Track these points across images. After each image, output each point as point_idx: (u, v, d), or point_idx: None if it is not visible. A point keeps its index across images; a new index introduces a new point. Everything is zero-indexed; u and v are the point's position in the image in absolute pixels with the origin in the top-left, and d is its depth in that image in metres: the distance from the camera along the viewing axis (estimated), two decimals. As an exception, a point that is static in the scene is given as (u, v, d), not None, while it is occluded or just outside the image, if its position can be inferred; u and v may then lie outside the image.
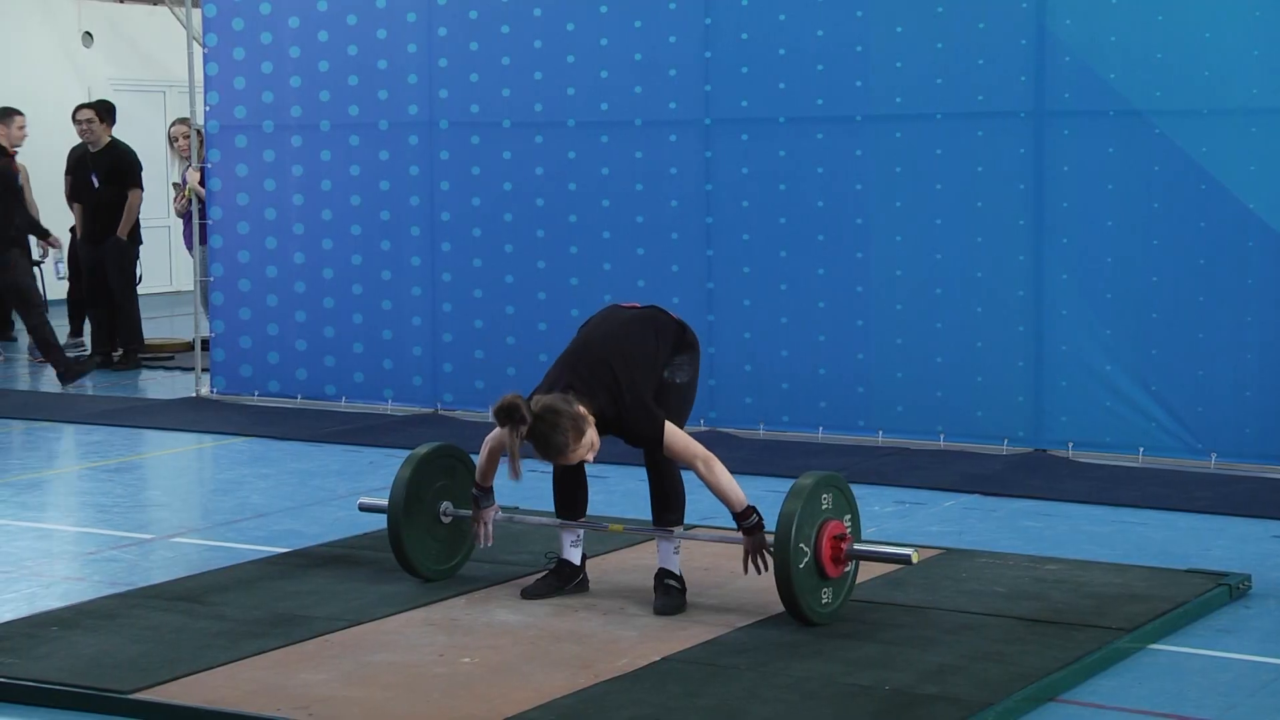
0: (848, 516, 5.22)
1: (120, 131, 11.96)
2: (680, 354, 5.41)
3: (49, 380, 11.20)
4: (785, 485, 7.35)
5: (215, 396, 9.98)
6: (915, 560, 5.21)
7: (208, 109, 9.83)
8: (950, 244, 8.14)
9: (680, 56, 8.64)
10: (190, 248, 11.13)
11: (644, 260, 8.82)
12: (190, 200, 10.80)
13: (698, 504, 6.96)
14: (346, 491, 7.47)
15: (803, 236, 8.44)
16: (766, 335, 8.59)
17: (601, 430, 5.15)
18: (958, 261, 8.14)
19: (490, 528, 5.56)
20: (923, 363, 8.24)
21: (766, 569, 5.12)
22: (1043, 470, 7.71)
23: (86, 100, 13.48)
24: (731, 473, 7.80)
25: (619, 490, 7.11)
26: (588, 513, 5.60)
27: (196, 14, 10.27)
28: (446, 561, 5.75)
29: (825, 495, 5.13)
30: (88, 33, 16.58)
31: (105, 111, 11.74)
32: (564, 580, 5.50)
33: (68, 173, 11.72)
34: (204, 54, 9.85)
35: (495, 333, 9.21)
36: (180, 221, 12.09)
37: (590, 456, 5.13)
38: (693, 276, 8.70)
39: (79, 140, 11.66)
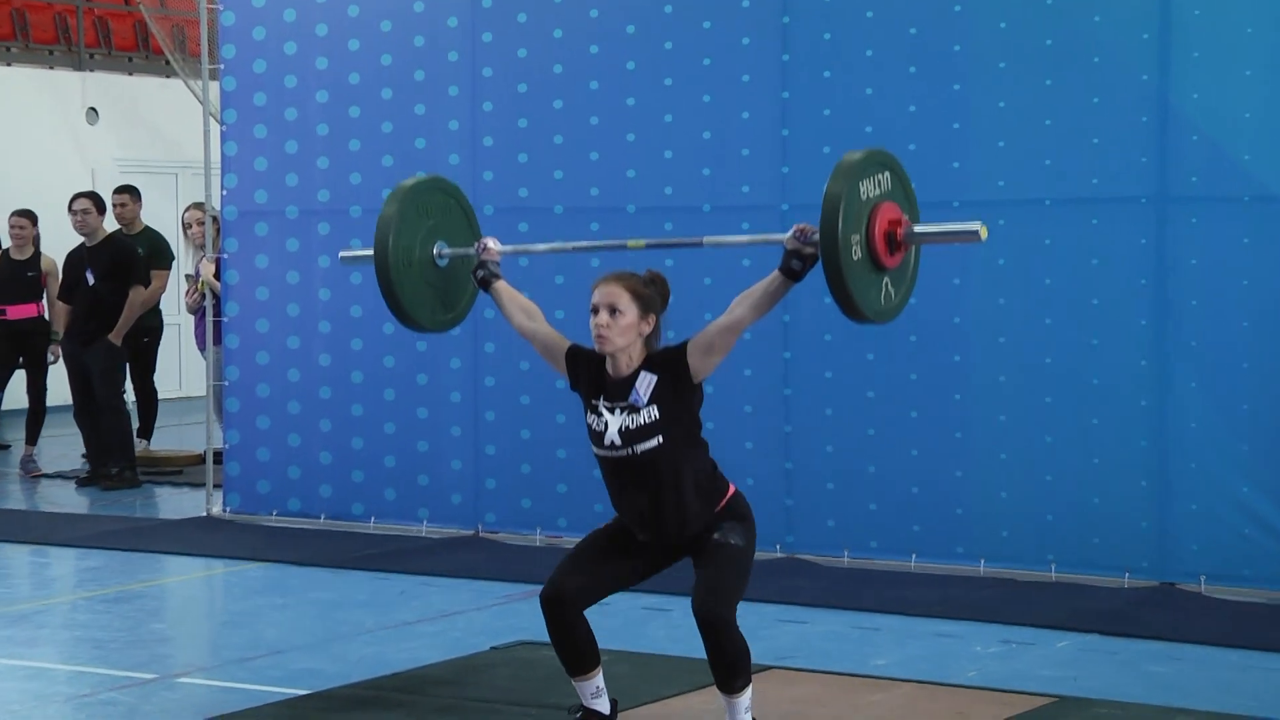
0: (899, 189, 5.22)
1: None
2: (733, 519, 5.33)
3: (43, 498, 11.28)
4: (874, 620, 7.43)
5: (228, 516, 10.01)
6: (984, 235, 5.14)
7: (225, 193, 9.95)
8: (1061, 346, 8.11)
9: (754, 135, 8.68)
10: (203, 348, 11.22)
11: (713, 364, 8.80)
12: (203, 295, 10.91)
13: (773, 643, 6.91)
14: (374, 625, 7.46)
15: (892, 337, 8.42)
16: (851, 449, 8.55)
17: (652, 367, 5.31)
18: (1070, 366, 8.09)
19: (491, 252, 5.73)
20: (1030, 482, 8.18)
21: (811, 235, 5.14)
22: (1170, 606, 7.62)
23: (90, 182, 13.71)
24: (812, 605, 7.77)
25: (683, 625, 7.05)
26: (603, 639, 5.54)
27: (214, 87, 10.43)
28: (447, 311, 5.83)
29: (865, 183, 5.11)
30: (92, 108, 16.86)
31: (135, 196, 12.19)
32: (594, 730, 5.43)
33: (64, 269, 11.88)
34: (222, 132, 9.99)
35: (544, 445, 9.22)
36: (192, 319, 12.20)
37: (610, 329, 5.25)
38: (768, 382, 8.69)
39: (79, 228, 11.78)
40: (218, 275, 10.31)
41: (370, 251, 5.73)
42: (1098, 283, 8.04)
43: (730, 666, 5.17)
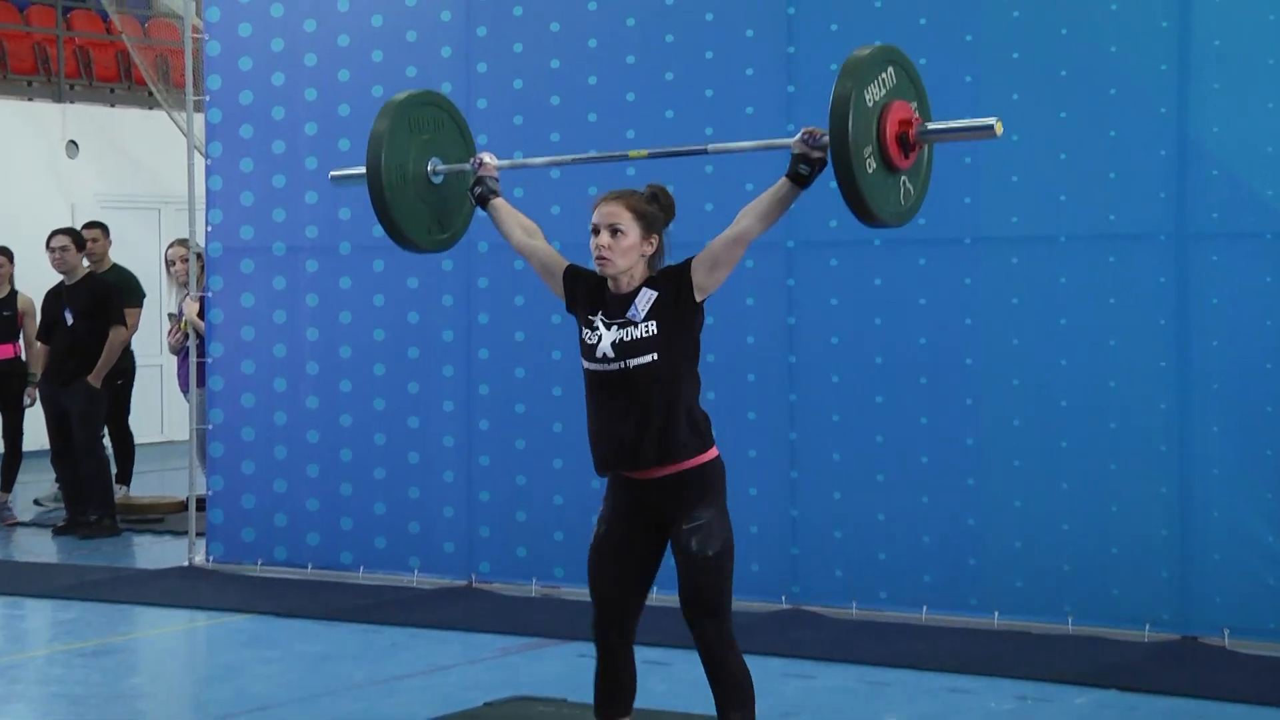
0: (906, 83, 5.24)
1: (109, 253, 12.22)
2: (706, 503, 5.27)
3: (18, 547, 11.26)
4: (883, 675, 7.40)
5: (212, 566, 9.98)
6: (999, 131, 5.14)
7: (209, 229, 9.95)
8: (1078, 389, 8.10)
9: (758, 129, 8.39)
10: (186, 390, 11.21)
11: (715, 406, 8.68)
12: (187, 335, 10.90)
13: (778, 699, 6.88)
14: (364, 679, 7.44)
15: (902, 379, 8.42)
16: (860, 495, 8.53)
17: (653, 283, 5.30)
18: (1087, 410, 8.08)
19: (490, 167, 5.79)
20: (1046, 530, 8.16)
21: (820, 138, 5.17)
22: (1193, 661, 7.60)
23: (70, 217, 13.71)
24: (819, 659, 7.73)
25: (684, 679, 7.04)
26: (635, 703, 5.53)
27: (199, 119, 10.44)
28: (443, 230, 5.82)
29: (870, 89, 5.11)
30: (73, 141, 16.89)
31: (105, 232, 12.21)
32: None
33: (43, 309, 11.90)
34: (206, 165, 9.99)
35: (540, 491, 9.20)
36: (174, 360, 12.19)
37: (611, 250, 5.25)
38: (773, 425, 8.67)
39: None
40: (201, 314, 10.31)
41: (362, 170, 5.72)
42: (1115, 323, 8.04)
43: (731, 692, 5.18)
